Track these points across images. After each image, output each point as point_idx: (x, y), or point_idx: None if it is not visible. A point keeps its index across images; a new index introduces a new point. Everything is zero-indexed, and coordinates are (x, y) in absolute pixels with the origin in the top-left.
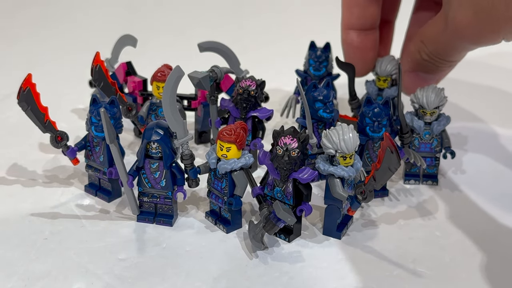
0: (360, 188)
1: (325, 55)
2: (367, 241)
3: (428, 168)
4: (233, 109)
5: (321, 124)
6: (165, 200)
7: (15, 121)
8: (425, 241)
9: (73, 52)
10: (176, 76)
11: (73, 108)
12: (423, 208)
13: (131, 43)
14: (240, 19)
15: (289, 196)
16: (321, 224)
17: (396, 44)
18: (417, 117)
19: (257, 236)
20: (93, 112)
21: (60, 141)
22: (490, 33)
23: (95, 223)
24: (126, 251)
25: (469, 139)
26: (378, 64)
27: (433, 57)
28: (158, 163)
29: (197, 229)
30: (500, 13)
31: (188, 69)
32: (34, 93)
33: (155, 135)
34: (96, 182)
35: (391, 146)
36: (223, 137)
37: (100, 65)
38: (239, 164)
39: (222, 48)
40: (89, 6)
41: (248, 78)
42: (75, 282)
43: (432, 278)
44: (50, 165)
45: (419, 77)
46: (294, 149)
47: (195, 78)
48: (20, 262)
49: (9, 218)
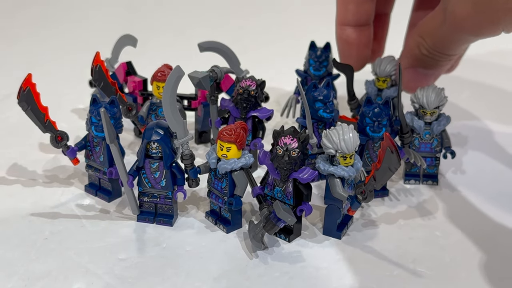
0: (360, 188)
1: (325, 55)
2: (367, 241)
3: (428, 168)
4: (233, 109)
5: (321, 124)
6: (165, 200)
7: (15, 121)
8: (425, 241)
9: (73, 52)
10: (176, 76)
11: (73, 108)
12: (423, 208)
13: (131, 43)
14: (240, 19)
15: (289, 196)
16: (321, 224)
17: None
18: (417, 117)
19: (257, 236)
20: (93, 112)
21: (60, 141)
22: (490, 24)
23: (95, 223)
24: (126, 251)
25: (469, 139)
26: (377, 64)
27: (433, 52)
28: (158, 163)
29: (197, 229)
30: (500, 4)
31: (188, 69)
32: (34, 93)
33: (155, 135)
34: (96, 182)
35: (391, 146)
36: (223, 137)
37: (100, 65)
38: (239, 164)
39: (222, 48)
40: (89, 6)
41: (248, 78)
42: (75, 282)
43: (432, 278)
44: (50, 165)
45: (418, 73)
46: (294, 149)
47: (195, 78)
48: (20, 262)
49: (9, 218)
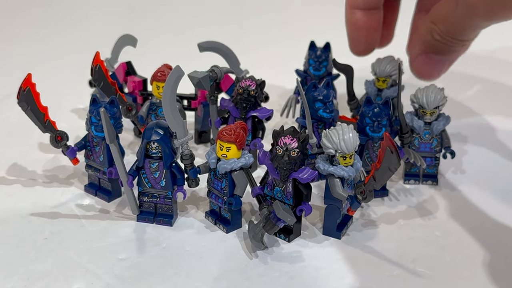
0: (360, 188)
1: (325, 55)
2: (367, 241)
3: (428, 168)
4: (233, 109)
5: (321, 124)
6: (165, 200)
7: (15, 121)
8: (425, 241)
9: (73, 52)
10: (176, 76)
11: (73, 108)
12: (423, 208)
13: (131, 43)
14: (240, 19)
15: (289, 196)
16: (321, 224)
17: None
18: (417, 117)
19: (257, 236)
20: (93, 112)
21: (60, 141)
22: (502, 8)
23: (95, 223)
24: (126, 251)
25: (469, 139)
26: (377, 64)
27: (446, 37)
28: (158, 163)
29: (197, 229)
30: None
31: (188, 69)
32: (34, 93)
33: (155, 135)
34: (96, 182)
35: (391, 146)
36: (223, 137)
37: (100, 65)
38: (239, 164)
39: (222, 48)
40: (89, 6)
41: (248, 78)
42: (75, 282)
43: (432, 278)
44: (50, 165)
45: (431, 59)
46: (294, 149)
47: (195, 78)
48: (20, 262)
49: (9, 218)
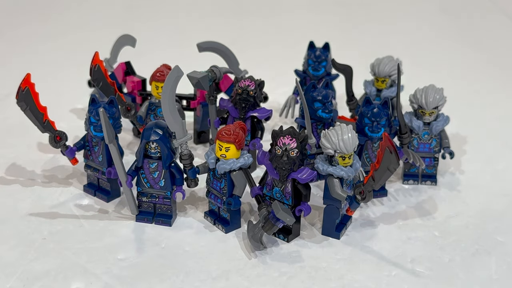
0: (359, 188)
1: (324, 55)
2: (366, 241)
3: (427, 168)
4: (232, 109)
5: (320, 124)
6: (164, 200)
7: (14, 121)
8: (424, 241)
9: (72, 52)
10: (175, 76)
11: (72, 108)
12: (422, 208)
13: (130, 43)
14: (240, 19)
15: (288, 196)
16: (320, 224)
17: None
18: (416, 117)
19: (256, 236)
20: (92, 112)
21: (59, 141)
22: None
23: (94, 223)
24: (125, 251)
25: (468, 139)
26: (376, 64)
27: None
28: (157, 163)
29: (196, 229)
30: None
31: (187, 69)
32: (33, 93)
33: (154, 135)
34: (95, 182)
35: (390, 146)
36: (222, 137)
37: (99, 65)
38: (238, 164)
39: (221, 48)
40: (89, 6)
41: (247, 78)
42: (74, 282)
43: (431, 278)
44: (49, 165)
45: None
46: (293, 149)
47: (194, 78)
48: (18, 262)
49: (7, 218)
